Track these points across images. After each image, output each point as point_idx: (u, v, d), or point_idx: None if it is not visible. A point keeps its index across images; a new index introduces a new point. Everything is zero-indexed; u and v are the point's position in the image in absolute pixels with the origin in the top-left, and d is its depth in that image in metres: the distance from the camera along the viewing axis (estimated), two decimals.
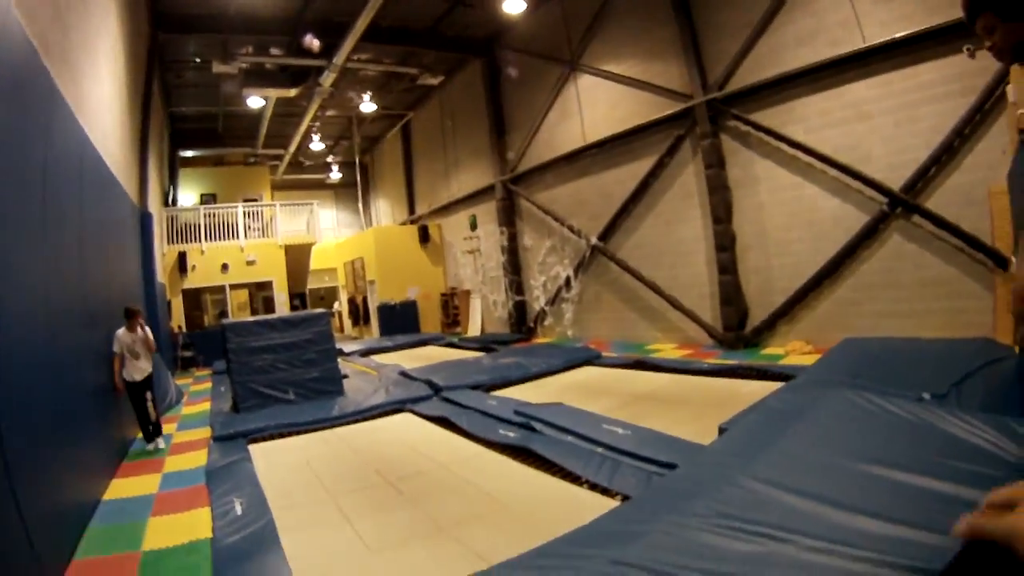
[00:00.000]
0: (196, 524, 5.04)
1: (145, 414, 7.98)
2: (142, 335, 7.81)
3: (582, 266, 15.96)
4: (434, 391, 9.80)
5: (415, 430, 8.07)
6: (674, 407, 7.81)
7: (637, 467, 5.20)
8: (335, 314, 28.64)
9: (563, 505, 4.85)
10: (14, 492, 3.59)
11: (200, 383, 14.70)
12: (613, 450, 5.63)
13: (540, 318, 17.90)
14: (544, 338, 17.40)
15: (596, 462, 5.43)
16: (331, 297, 32.81)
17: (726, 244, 11.86)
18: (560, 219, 16.49)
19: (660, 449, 5.40)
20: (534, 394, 9.11)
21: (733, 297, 11.78)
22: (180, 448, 8.00)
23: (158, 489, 6.23)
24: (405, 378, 11.35)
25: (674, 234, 13.29)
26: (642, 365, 10.83)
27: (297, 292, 24.45)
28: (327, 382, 10.38)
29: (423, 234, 23.87)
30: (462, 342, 18.03)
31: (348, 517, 5.04)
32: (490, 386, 9.98)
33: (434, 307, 23.55)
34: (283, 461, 7.13)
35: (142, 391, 7.87)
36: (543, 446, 6.02)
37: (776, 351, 10.81)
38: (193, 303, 21.52)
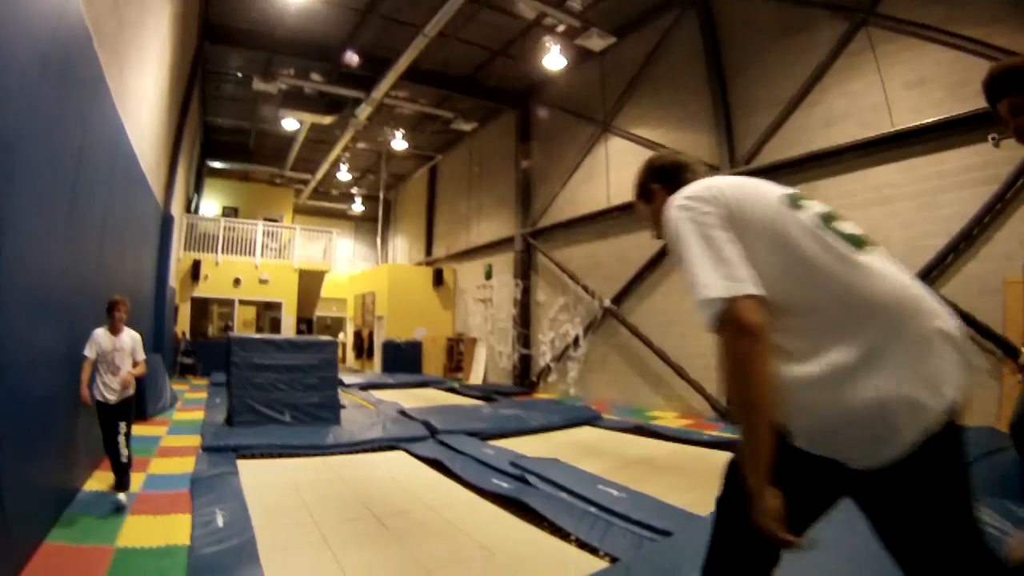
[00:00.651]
0: (175, 529, 4.92)
1: (115, 449, 5.67)
2: (127, 343, 5.79)
3: (592, 327, 15.92)
4: (431, 433, 9.67)
5: (408, 469, 7.95)
6: (671, 475, 7.67)
7: (629, 530, 5.07)
8: (339, 344, 28.58)
9: (550, 561, 4.73)
10: None
11: (196, 391, 14.60)
12: (606, 511, 5.50)
13: (544, 373, 17.80)
14: (546, 394, 17.27)
15: (588, 521, 5.30)
16: (337, 327, 32.80)
17: None
18: (576, 278, 16.52)
19: (654, 514, 5.28)
20: (531, 448, 8.97)
21: None
22: (167, 452, 7.89)
23: (141, 488, 6.12)
24: (403, 416, 11.22)
25: (686, 304, 13.14)
26: (641, 431, 10.68)
27: (305, 317, 24.44)
28: (325, 409, 10.26)
29: (437, 277, 23.95)
30: (463, 388, 17.93)
31: (332, 547, 4.93)
32: (487, 435, 9.84)
33: (439, 350, 23.45)
34: (271, 481, 7.01)
35: (114, 418, 5.67)
36: (536, 500, 5.89)
37: None
38: (200, 312, 21.56)
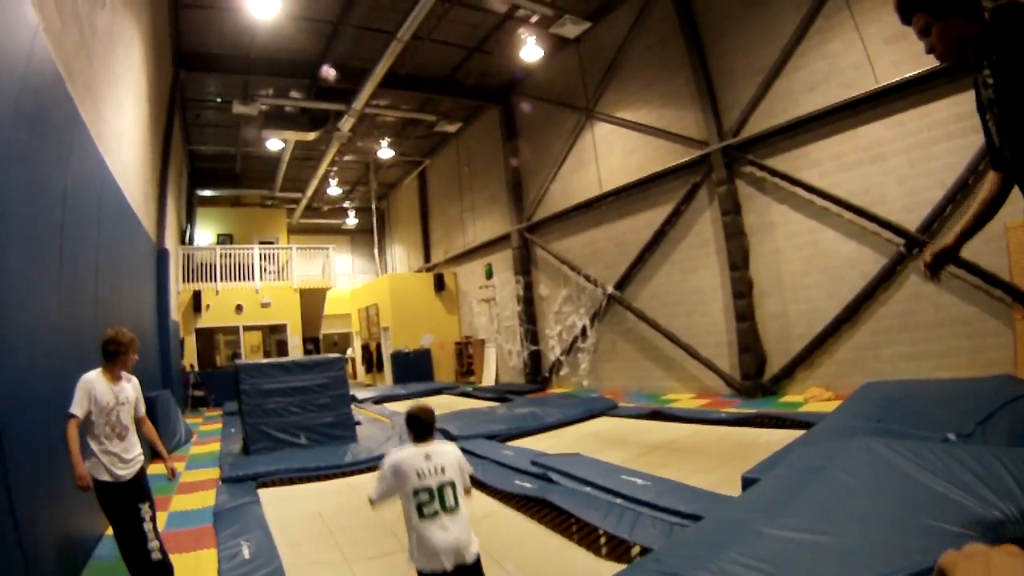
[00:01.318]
0: (202, 565, 4.89)
1: (141, 546, 4.11)
2: (131, 394, 4.38)
3: (598, 315, 15.86)
4: (449, 440, 9.61)
5: None
6: (693, 457, 7.63)
7: (657, 518, 5.01)
8: (349, 360, 28.55)
9: (582, 558, 4.68)
10: (16, 521, 3.50)
11: (210, 423, 14.57)
12: (633, 501, 5.45)
13: (555, 368, 17.73)
14: (559, 388, 17.21)
15: (616, 513, 5.24)
16: (344, 343, 32.75)
17: (743, 291, 11.76)
18: (576, 268, 16.45)
19: (681, 500, 5.22)
20: (550, 444, 8.94)
21: (751, 345, 11.61)
22: (188, 488, 7.83)
23: (164, 527, 6.06)
24: None
25: (690, 282, 13.20)
26: (659, 415, 10.63)
27: (311, 336, 24.41)
28: (340, 428, 10.20)
29: (438, 282, 23.87)
30: (476, 391, 17.87)
31: (355, 568, 4.89)
32: (505, 436, 9.82)
33: (448, 356, 23.42)
34: (293, 506, 6.97)
35: (131, 500, 4.15)
36: (560, 497, 5.83)
37: (795, 398, 10.60)
38: (206, 343, 21.52)
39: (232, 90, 17.70)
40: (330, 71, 16.34)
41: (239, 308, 20.99)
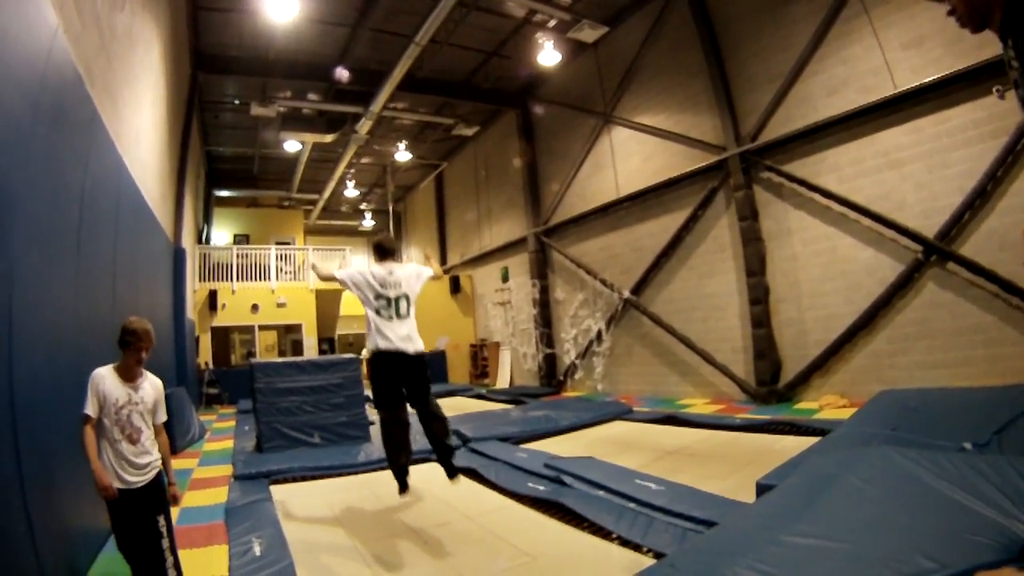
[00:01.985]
0: (212, 561, 4.89)
1: (158, 564, 3.73)
2: (149, 395, 3.94)
3: (614, 320, 15.81)
4: (462, 442, 9.59)
5: (442, 480, 7.84)
6: (707, 463, 7.57)
7: (671, 523, 4.98)
8: (363, 361, 28.53)
9: (593, 562, 4.65)
10: (28, 515, 3.52)
11: (224, 420, 14.64)
12: (646, 506, 5.41)
13: (570, 371, 17.68)
14: (574, 392, 17.15)
15: (628, 518, 5.22)
16: (359, 344, 32.75)
17: (759, 297, 11.69)
18: (592, 272, 16.42)
19: (695, 505, 5.18)
20: (564, 448, 8.90)
21: (766, 351, 11.54)
22: (200, 484, 7.86)
23: (175, 523, 6.08)
24: None
25: (707, 287, 13.14)
26: (674, 420, 10.58)
27: (326, 337, 24.46)
28: (354, 427, 10.21)
29: (454, 284, 23.88)
30: (490, 394, 17.82)
31: (371, 566, 4.87)
32: (519, 438, 9.78)
33: (463, 358, 23.40)
34: (305, 504, 6.98)
35: (146, 512, 3.76)
36: (574, 500, 5.81)
37: (810, 405, 10.51)
38: (221, 341, 21.66)
39: (250, 92, 17.82)
40: (343, 72, 16.39)
41: (255, 308, 21.08)
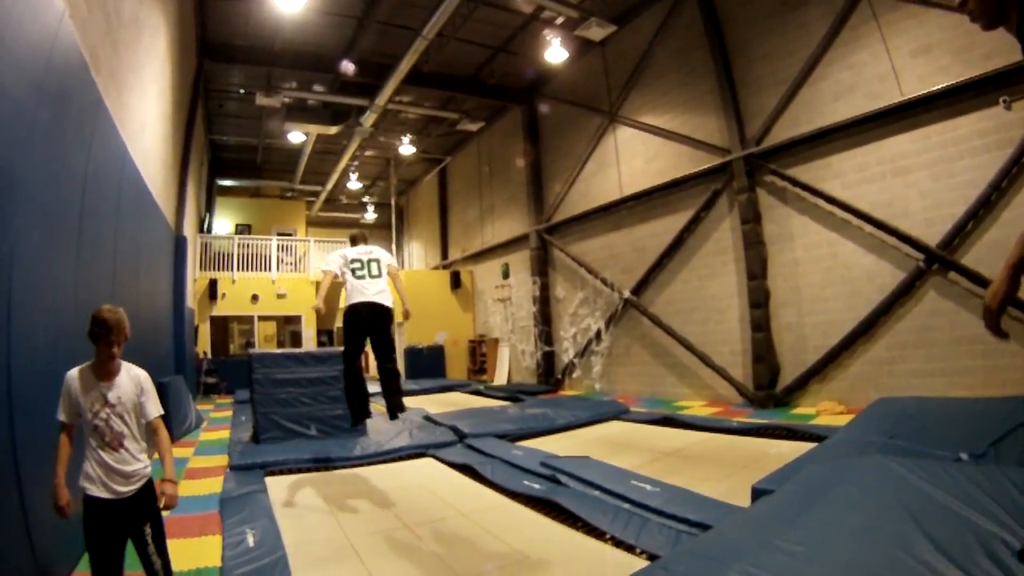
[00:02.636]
0: (205, 551, 4.88)
1: None
2: (127, 391, 3.46)
3: (613, 319, 15.80)
4: (459, 438, 9.60)
5: (437, 476, 7.89)
6: (703, 465, 7.57)
7: (665, 525, 4.98)
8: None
9: (587, 561, 4.65)
10: (24, 507, 3.52)
11: (221, 410, 14.62)
12: (641, 507, 5.41)
13: (568, 370, 17.68)
14: (572, 390, 17.15)
15: (623, 518, 5.22)
16: None
17: (760, 301, 11.67)
18: (593, 271, 16.41)
19: (690, 508, 5.18)
20: (560, 446, 8.89)
21: (765, 355, 11.53)
22: (195, 473, 7.86)
23: (169, 512, 6.08)
24: (429, 423, 11.14)
25: (707, 290, 13.13)
26: (670, 422, 10.57)
27: (325, 329, 24.47)
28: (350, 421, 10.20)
29: (455, 280, 23.89)
30: (488, 390, 17.84)
31: (365, 561, 4.87)
32: (516, 436, 9.77)
33: (461, 353, 23.42)
34: (300, 496, 6.98)
35: (132, 523, 3.45)
36: (568, 499, 5.81)
37: (807, 411, 10.50)
38: (220, 331, 21.66)
39: (255, 82, 17.81)
40: (349, 66, 16.36)
41: (255, 298, 21.09)
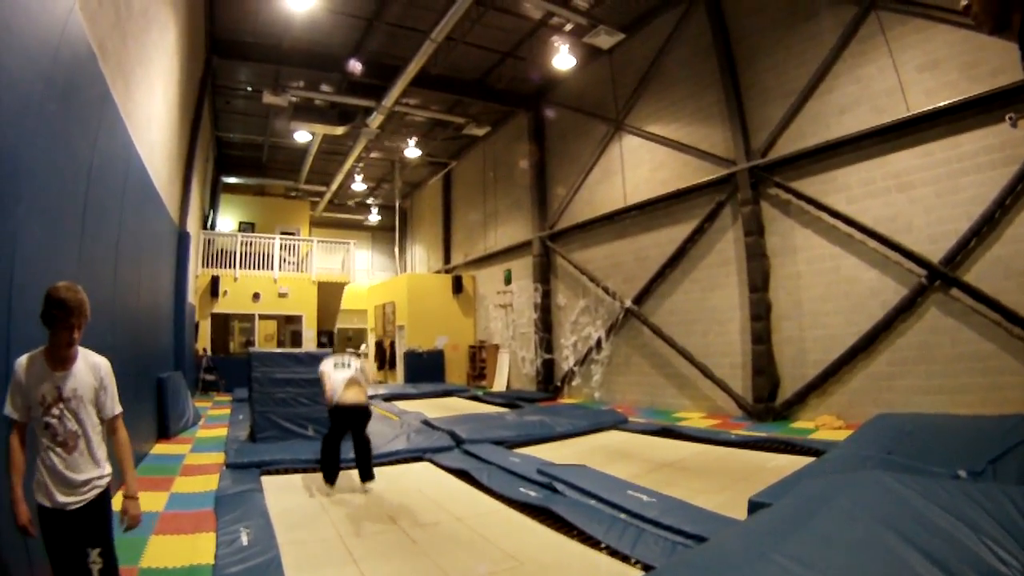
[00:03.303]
0: (199, 548, 4.87)
1: None
2: (84, 381, 3.07)
3: (614, 328, 15.78)
4: (456, 443, 9.58)
5: (433, 480, 7.87)
6: (700, 477, 7.55)
7: (661, 536, 4.96)
8: (362, 356, 28.50)
9: (580, 570, 4.63)
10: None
11: (219, 408, 14.61)
12: (637, 517, 5.39)
13: (568, 378, 17.66)
14: (570, 399, 17.15)
15: (619, 528, 5.20)
16: (359, 339, 32.75)
17: (761, 313, 11.66)
18: (595, 280, 16.41)
19: (686, 519, 5.16)
20: (557, 454, 8.88)
21: (765, 368, 11.51)
22: (191, 470, 7.85)
23: (164, 508, 6.07)
24: (427, 427, 11.11)
25: (709, 301, 13.11)
26: (669, 433, 10.55)
27: (325, 330, 24.43)
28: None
29: (456, 284, 23.88)
30: (487, 396, 17.78)
31: (358, 562, 4.85)
32: (513, 443, 9.77)
33: (461, 358, 23.40)
34: (296, 496, 6.97)
35: (77, 541, 2.95)
36: (564, 508, 5.79)
37: (806, 425, 10.49)
38: (221, 328, 21.63)
39: (263, 79, 17.84)
40: (356, 65, 16.38)
41: (256, 296, 21.08)
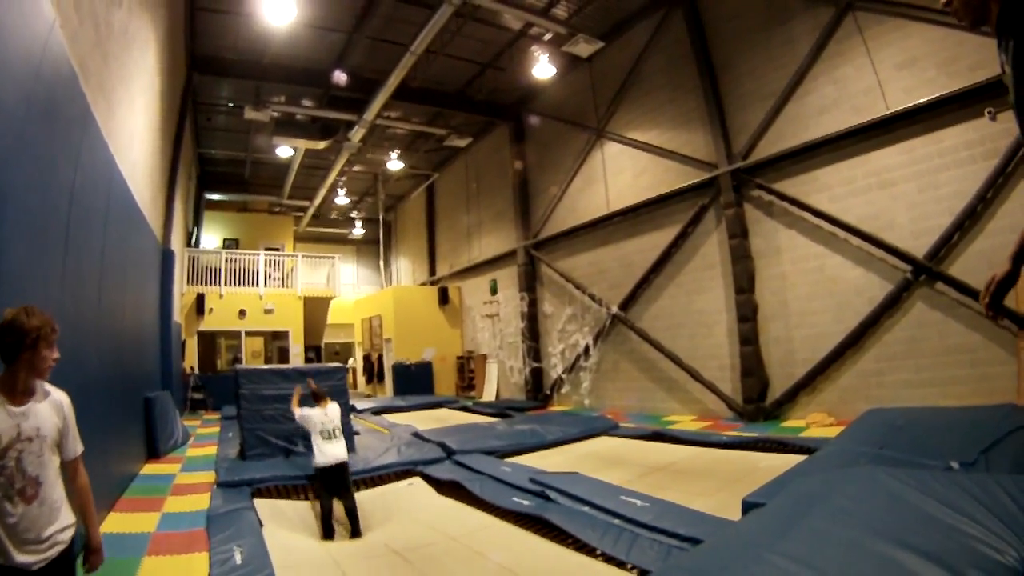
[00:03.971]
0: (192, 569, 4.81)
1: None
2: (46, 420, 2.64)
3: (601, 335, 15.81)
4: (447, 454, 9.53)
5: (425, 493, 7.83)
6: (693, 480, 7.56)
7: (656, 540, 4.96)
8: (350, 370, 28.42)
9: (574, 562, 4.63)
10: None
11: (208, 426, 14.47)
12: (631, 522, 5.38)
13: (557, 386, 17.65)
14: (560, 406, 17.13)
15: (613, 534, 5.19)
16: (346, 353, 32.66)
17: (748, 314, 11.72)
18: (581, 287, 16.43)
19: (680, 522, 5.16)
20: (549, 462, 8.86)
21: (754, 368, 11.56)
22: (182, 490, 7.76)
23: (155, 528, 6.00)
24: (418, 439, 11.06)
25: (695, 304, 13.16)
26: (660, 437, 10.56)
27: (313, 345, 24.35)
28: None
29: (442, 296, 23.86)
30: (476, 406, 17.73)
31: None
32: (504, 452, 9.72)
33: (450, 370, 23.35)
34: (288, 513, 6.93)
35: None
36: (558, 516, 5.78)
37: (797, 423, 10.54)
38: (208, 346, 21.49)
39: (244, 95, 17.79)
40: (341, 75, 16.40)
41: (242, 313, 20.97)
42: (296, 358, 21.36)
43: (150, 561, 5.00)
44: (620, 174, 15.44)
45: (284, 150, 20.53)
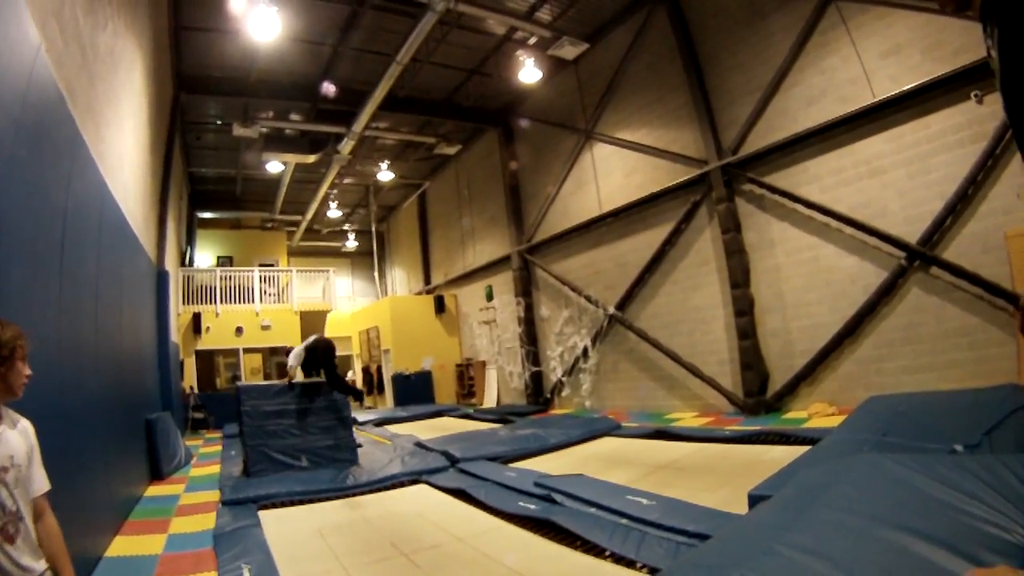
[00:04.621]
0: None
1: None
2: (18, 448, 2.25)
3: (599, 336, 15.80)
4: (451, 462, 9.52)
5: (432, 502, 7.81)
6: (698, 476, 7.55)
7: (664, 538, 4.95)
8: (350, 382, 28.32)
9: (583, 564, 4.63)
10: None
11: (210, 445, 14.46)
12: (638, 521, 5.38)
13: (557, 389, 17.63)
14: (561, 409, 17.10)
15: (621, 534, 5.18)
16: (345, 365, 32.52)
17: (745, 308, 11.74)
18: (577, 289, 16.43)
19: (687, 519, 5.16)
20: (553, 465, 8.86)
21: (753, 362, 11.57)
22: (187, 510, 7.74)
23: (163, 550, 5.98)
24: (421, 449, 11.07)
25: (691, 301, 13.18)
26: (663, 435, 10.56)
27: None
28: (341, 450, 10.09)
29: (439, 304, 23.86)
30: (478, 413, 17.77)
31: None
32: (508, 457, 9.73)
33: (449, 378, 23.34)
34: (294, 529, 6.89)
35: None
36: (565, 518, 5.77)
37: (799, 414, 10.54)
38: (206, 365, 21.44)
39: (232, 112, 17.77)
40: (329, 88, 16.41)
41: (239, 330, 20.95)
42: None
43: None
44: (611, 175, 15.46)
45: (274, 165, 20.53)
